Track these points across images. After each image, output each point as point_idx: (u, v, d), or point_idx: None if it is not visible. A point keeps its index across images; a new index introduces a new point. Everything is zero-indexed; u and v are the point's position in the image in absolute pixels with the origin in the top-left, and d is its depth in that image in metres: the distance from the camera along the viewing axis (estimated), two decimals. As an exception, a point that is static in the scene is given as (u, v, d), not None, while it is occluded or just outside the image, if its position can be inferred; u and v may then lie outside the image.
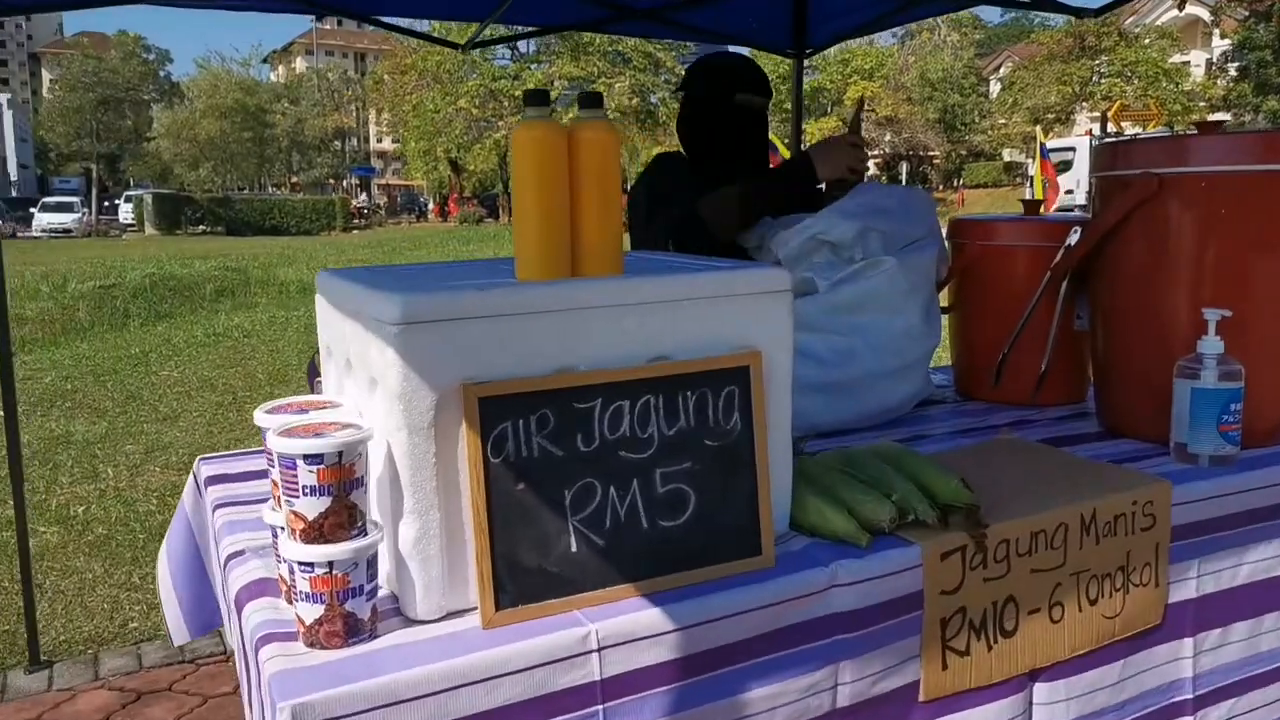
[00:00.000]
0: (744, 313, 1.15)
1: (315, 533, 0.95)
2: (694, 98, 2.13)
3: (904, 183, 34.74)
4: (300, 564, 0.95)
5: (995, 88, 42.83)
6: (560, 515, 1.03)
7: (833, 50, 39.32)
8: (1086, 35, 33.27)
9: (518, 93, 34.98)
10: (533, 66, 36.76)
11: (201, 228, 38.45)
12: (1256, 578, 1.51)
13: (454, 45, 3.19)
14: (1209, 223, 1.55)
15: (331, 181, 52.62)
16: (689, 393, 1.10)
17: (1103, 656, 1.35)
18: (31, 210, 38.42)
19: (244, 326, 9.49)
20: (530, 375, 1.02)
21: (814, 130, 38.30)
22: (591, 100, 1.11)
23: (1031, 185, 20.36)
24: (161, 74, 51.40)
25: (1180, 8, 24.79)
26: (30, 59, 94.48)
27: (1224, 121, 1.66)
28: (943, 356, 2.18)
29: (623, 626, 1.01)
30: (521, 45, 36.32)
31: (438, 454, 0.99)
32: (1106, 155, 1.67)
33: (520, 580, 1.01)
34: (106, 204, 44.46)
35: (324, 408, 1.13)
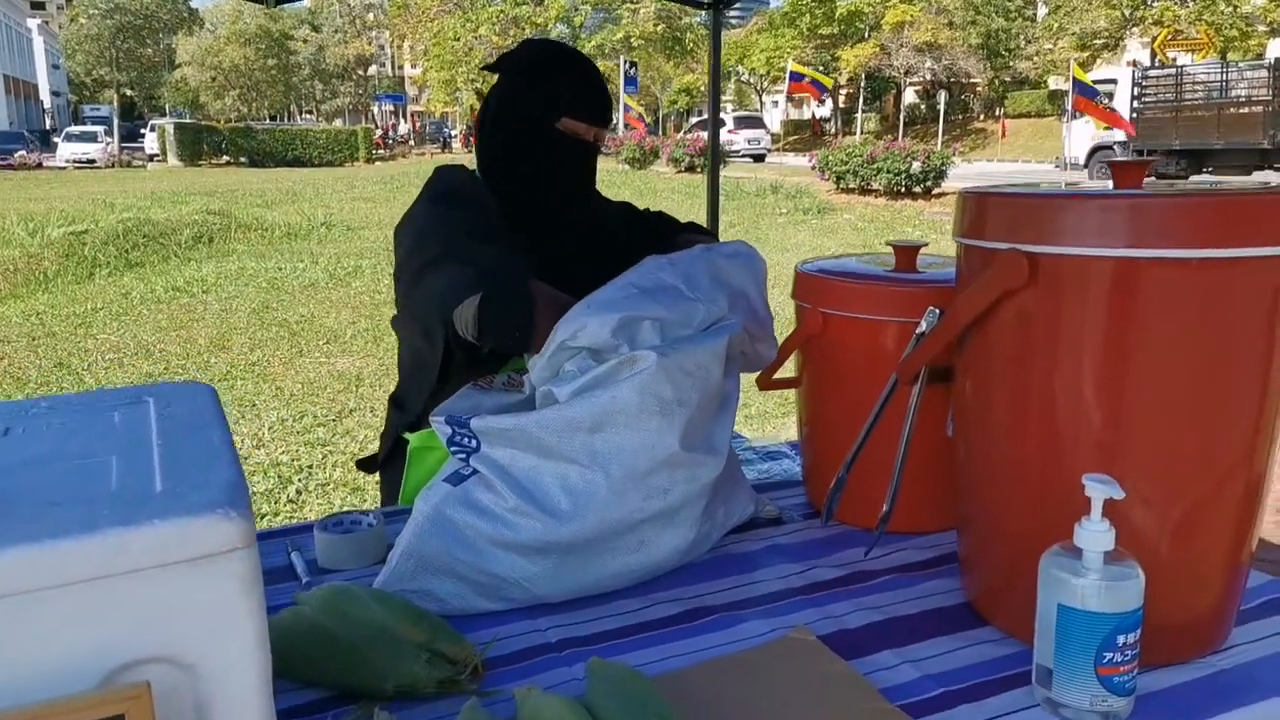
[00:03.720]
0: (144, 602, 0.62)
1: None
2: (504, 104, 1.53)
3: (942, 112, 33.16)
4: None
5: (1043, 11, 40.66)
6: None
7: (870, -29, 37.43)
8: (1140, -46, 31.21)
9: (540, 19, 33.86)
10: (556, -9, 35.44)
11: (225, 158, 38.06)
12: None
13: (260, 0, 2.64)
14: (1113, 334, 0.98)
15: (363, 109, 51.97)
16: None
17: None
18: (56, 140, 38.19)
19: (206, 280, 9.03)
20: None
21: (849, 58, 36.73)
22: None
23: (1071, 119, 19.20)
24: (181, 1, 50.50)
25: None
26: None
27: (1154, 160, 1.08)
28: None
29: None
30: (546, -31, 35.01)
31: None
32: (969, 209, 1.09)
33: None
34: (142, 132, 44.07)
35: None
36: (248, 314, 7.61)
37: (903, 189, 15.84)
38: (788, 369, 1.50)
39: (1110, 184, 1.06)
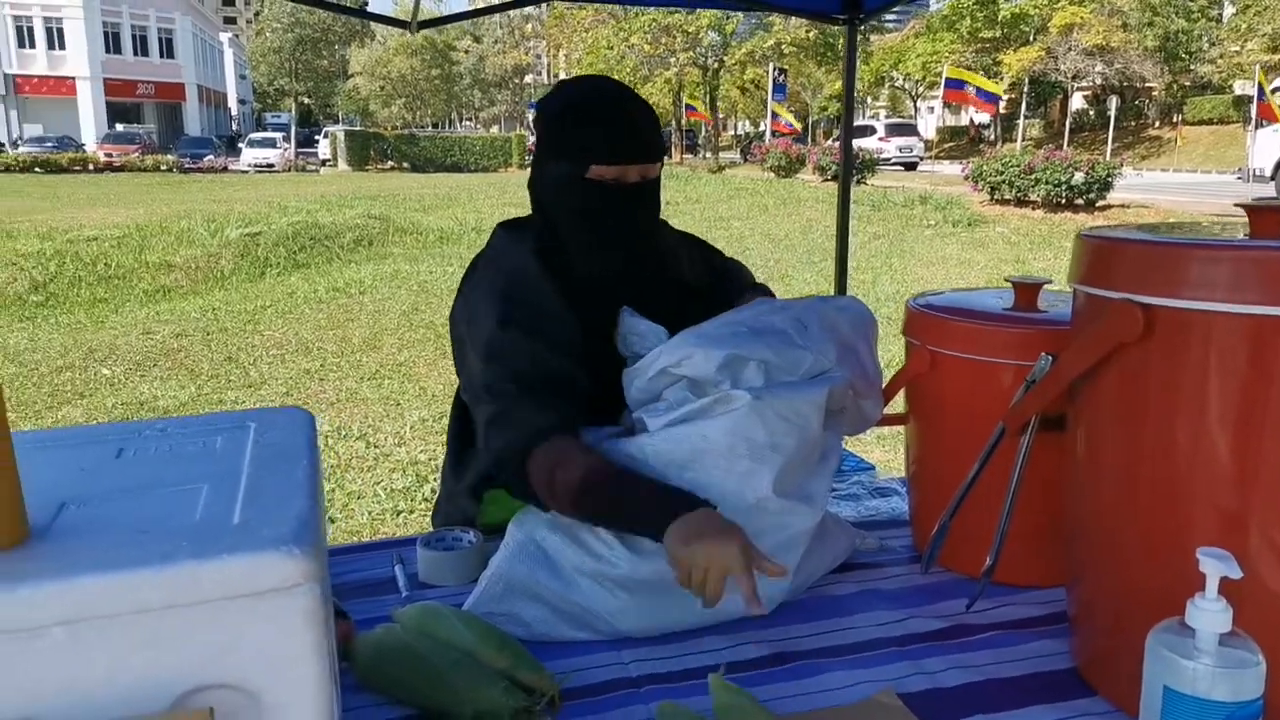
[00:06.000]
0: (212, 631, 0.66)
1: None
2: (541, 151, 1.41)
3: (1113, 118, 31.38)
4: None
5: (1229, 11, 37.86)
6: None
7: (1038, -28, 35.80)
8: (1346, -53, 28.64)
9: (691, 28, 34.00)
10: (709, -2, 35.48)
11: (389, 164, 40.03)
12: None
13: (403, 24, 2.75)
14: (1239, 394, 0.90)
15: (518, 116, 53.73)
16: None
17: None
18: (240, 145, 41.10)
19: (363, 281, 9.51)
20: None
21: (1011, 62, 35.23)
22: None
23: (1256, 128, 17.81)
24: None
25: None
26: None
27: (1296, 203, 0.99)
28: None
29: None
30: (700, -24, 35.18)
31: None
32: (1084, 254, 1.03)
33: None
34: (316, 139, 46.90)
35: None
36: (398, 315, 7.97)
37: (1063, 201, 15.03)
38: (896, 404, 1.45)
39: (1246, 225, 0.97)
